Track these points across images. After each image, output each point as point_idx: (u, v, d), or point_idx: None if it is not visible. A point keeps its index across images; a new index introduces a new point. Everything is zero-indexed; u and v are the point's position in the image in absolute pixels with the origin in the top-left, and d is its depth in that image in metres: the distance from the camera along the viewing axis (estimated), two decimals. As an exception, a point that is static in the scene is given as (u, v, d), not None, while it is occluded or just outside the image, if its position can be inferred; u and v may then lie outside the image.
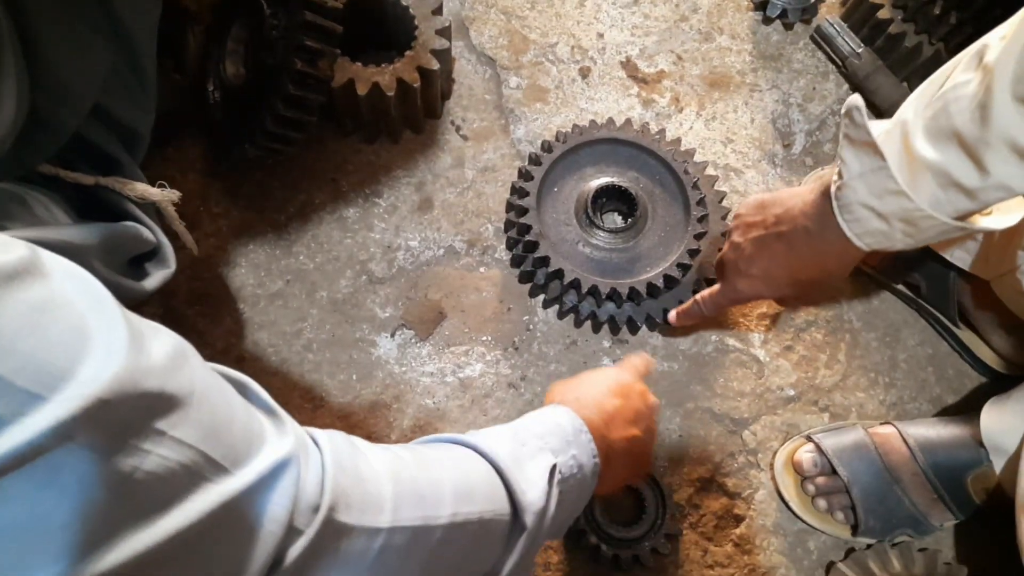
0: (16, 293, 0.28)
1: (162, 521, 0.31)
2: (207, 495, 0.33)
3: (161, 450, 0.31)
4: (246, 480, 0.35)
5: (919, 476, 0.83)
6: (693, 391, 0.94)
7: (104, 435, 0.29)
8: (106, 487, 0.29)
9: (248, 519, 0.35)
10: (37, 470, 0.26)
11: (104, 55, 0.63)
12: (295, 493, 0.38)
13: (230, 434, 0.36)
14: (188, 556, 0.33)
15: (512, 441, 0.56)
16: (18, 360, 0.27)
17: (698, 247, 0.90)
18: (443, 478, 0.48)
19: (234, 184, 1.01)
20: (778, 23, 1.14)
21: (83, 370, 0.28)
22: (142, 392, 0.30)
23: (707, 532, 0.89)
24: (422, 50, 0.94)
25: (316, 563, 0.39)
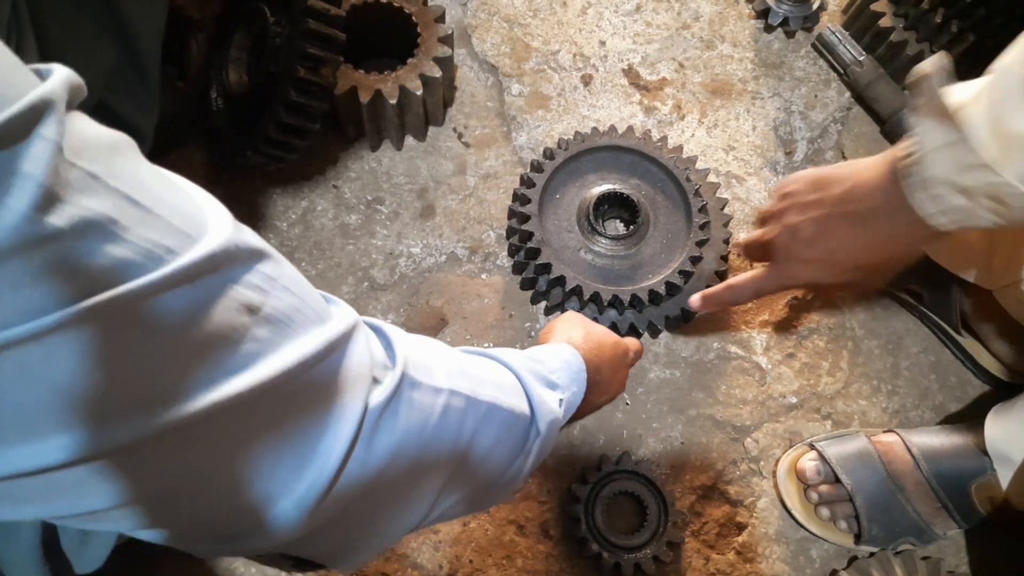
0: (144, 161, 0.33)
1: (290, 350, 0.36)
2: (314, 336, 0.38)
3: (277, 292, 0.36)
4: (338, 329, 0.40)
5: (923, 485, 0.83)
6: (695, 398, 0.94)
7: (239, 270, 0.34)
8: (249, 313, 0.34)
9: (345, 361, 0.40)
10: (199, 291, 0.32)
11: (108, 54, 0.64)
12: (369, 351, 0.42)
13: (314, 296, 0.41)
14: (307, 388, 0.37)
15: (531, 370, 0.59)
16: (169, 208, 0.32)
17: (700, 254, 0.90)
18: (481, 368, 0.53)
19: (236, 191, 1.01)
20: (780, 31, 1.14)
21: (211, 222, 0.34)
22: (250, 246, 0.36)
23: (709, 540, 0.88)
24: (424, 57, 0.95)
25: (397, 409, 0.43)
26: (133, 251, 0.29)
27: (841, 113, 1.10)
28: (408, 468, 0.45)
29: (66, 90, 0.29)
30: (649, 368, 0.95)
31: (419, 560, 0.86)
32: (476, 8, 1.14)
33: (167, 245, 0.31)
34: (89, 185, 0.28)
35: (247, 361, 0.34)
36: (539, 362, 0.61)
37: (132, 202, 0.30)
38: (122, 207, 0.29)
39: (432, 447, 0.46)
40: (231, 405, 0.33)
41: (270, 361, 0.35)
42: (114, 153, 0.31)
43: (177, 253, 0.31)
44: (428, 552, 0.86)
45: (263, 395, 0.34)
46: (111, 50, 0.65)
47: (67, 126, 0.28)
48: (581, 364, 0.65)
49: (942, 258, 0.86)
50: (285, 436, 0.37)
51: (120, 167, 0.30)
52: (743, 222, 1.03)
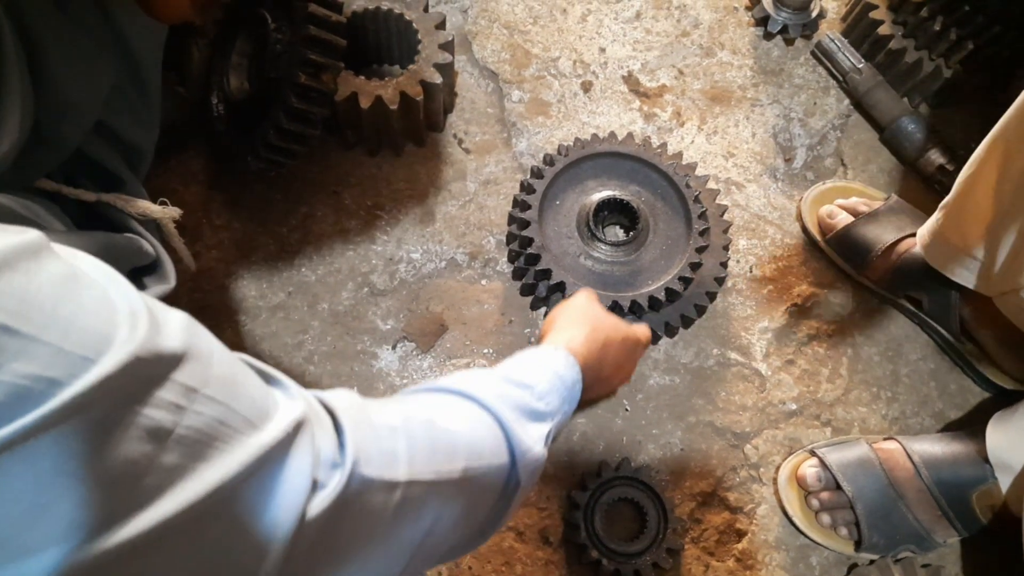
0: (45, 265, 0.30)
1: (207, 473, 0.32)
2: (242, 449, 0.34)
3: (197, 406, 0.33)
4: (273, 436, 0.36)
5: (924, 492, 0.83)
6: (695, 405, 0.94)
7: (146, 390, 0.31)
8: (154, 440, 0.31)
9: (279, 475, 0.37)
10: (90, 424, 0.28)
11: (108, 72, 0.64)
12: (313, 451, 0.39)
13: (250, 394, 0.37)
14: (229, 511, 0.34)
15: (516, 404, 0.56)
16: (63, 326, 0.29)
17: (700, 260, 0.90)
18: (454, 432, 0.49)
19: (236, 196, 1.01)
20: (779, 38, 1.14)
21: (118, 333, 0.30)
22: (170, 352, 0.33)
23: (709, 547, 0.88)
24: (425, 64, 0.95)
25: (342, 516, 0.39)
26: (3, 392, 0.26)
27: (840, 120, 1.10)
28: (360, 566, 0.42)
29: None
30: (649, 374, 0.95)
31: (418, 567, 0.86)
32: (476, 15, 1.15)
33: (51, 376, 0.27)
34: None
35: (152, 495, 0.30)
36: (528, 388, 0.58)
37: (10, 332, 0.27)
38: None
39: (386, 543, 0.43)
40: (135, 544, 0.30)
41: (180, 492, 0.31)
42: (3, 270, 0.28)
43: (63, 384, 0.28)
44: (427, 559, 0.86)
45: (174, 527, 0.31)
46: (111, 69, 0.64)
47: None
48: (576, 376, 0.63)
49: (940, 262, 0.86)
50: (206, 566, 0.33)
51: (4, 290, 0.27)
52: (743, 228, 1.03)
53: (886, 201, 0.98)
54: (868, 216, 0.97)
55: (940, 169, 1.03)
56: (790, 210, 1.04)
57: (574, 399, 0.63)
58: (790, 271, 1.01)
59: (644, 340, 0.78)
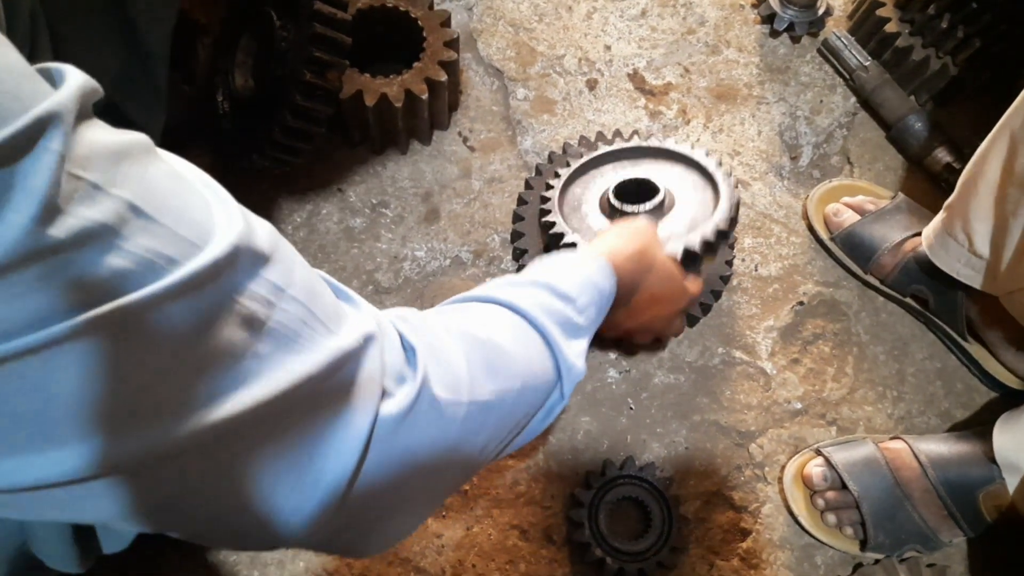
0: (155, 162, 0.33)
1: (295, 364, 0.35)
2: (323, 348, 0.37)
3: (284, 304, 0.35)
4: (348, 341, 0.39)
5: (930, 492, 0.82)
6: (699, 403, 0.94)
7: (244, 279, 0.34)
8: (250, 328, 0.33)
9: (353, 376, 0.39)
10: (201, 302, 0.31)
11: (118, 56, 0.64)
12: (382, 363, 0.41)
13: (326, 302, 0.40)
14: (313, 404, 0.36)
15: (560, 320, 0.57)
16: (175, 214, 0.31)
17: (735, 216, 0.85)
18: (510, 353, 0.51)
19: (241, 194, 1.00)
20: (785, 36, 1.14)
21: (217, 228, 0.33)
22: (261, 249, 0.35)
23: (713, 546, 0.88)
24: (430, 62, 0.95)
25: (409, 426, 0.42)
26: (132, 261, 0.29)
27: (847, 118, 1.10)
28: (424, 476, 0.44)
29: (77, 99, 0.29)
30: (653, 373, 0.95)
31: (422, 564, 0.86)
32: (482, 13, 1.14)
33: (168, 255, 0.30)
34: (91, 195, 0.28)
35: (247, 378, 0.33)
36: (570, 302, 0.58)
37: (135, 210, 0.30)
38: (123, 216, 0.29)
39: (449, 456, 0.45)
40: (230, 423, 0.32)
41: (271, 378, 0.34)
42: (121, 159, 0.30)
43: (179, 263, 0.30)
44: (431, 556, 0.86)
45: (263, 413, 0.34)
46: (121, 53, 0.65)
47: (75, 137, 0.28)
48: (612, 288, 0.63)
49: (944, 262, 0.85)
50: (288, 453, 0.36)
51: (126, 173, 0.30)
52: (748, 227, 1.03)
53: (892, 200, 0.98)
54: (874, 215, 0.96)
55: (947, 167, 1.02)
56: (796, 208, 1.04)
57: (603, 315, 0.63)
58: (796, 270, 1.01)
59: (694, 291, 0.76)
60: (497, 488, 0.89)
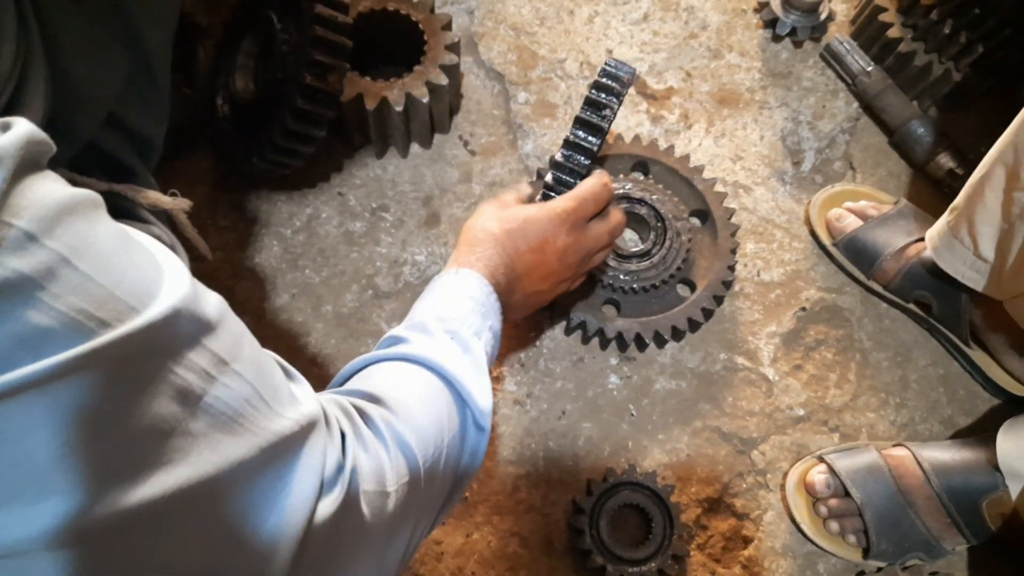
0: (103, 219, 0.31)
1: (229, 447, 0.33)
2: (263, 432, 0.35)
3: (226, 379, 0.34)
4: (290, 428, 0.37)
5: (933, 500, 0.82)
6: (701, 410, 0.93)
7: (182, 347, 0.32)
8: (184, 402, 0.31)
9: (293, 466, 0.37)
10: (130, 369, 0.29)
11: (121, 64, 0.64)
12: (323, 451, 0.39)
13: (274, 382, 0.38)
14: (246, 492, 0.34)
15: (452, 346, 0.58)
16: (117, 275, 0.30)
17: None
18: (424, 418, 0.50)
19: (242, 197, 1.01)
20: (788, 41, 1.14)
21: (162, 290, 0.32)
22: (207, 317, 0.34)
23: (715, 553, 0.87)
24: (431, 65, 0.95)
25: (345, 523, 0.40)
26: (56, 319, 0.27)
27: (849, 123, 1.10)
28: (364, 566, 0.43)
29: (20, 147, 0.28)
30: (655, 379, 0.94)
31: (421, 571, 0.85)
32: (483, 16, 1.14)
33: (101, 316, 0.28)
34: (21, 245, 0.27)
35: (174, 457, 0.31)
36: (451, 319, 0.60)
37: (68, 265, 0.28)
38: (53, 271, 0.27)
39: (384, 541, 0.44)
40: (152, 504, 0.30)
41: (200, 459, 0.32)
42: (65, 213, 0.29)
43: (110, 325, 0.28)
44: (431, 563, 0.85)
45: (190, 497, 0.31)
46: (123, 61, 0.65)
47: (16, 185, 0.27)
48: (487, 290, 0.65)
49: (949, 264, 0.85)
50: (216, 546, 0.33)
51: (67, 227, 0.28)
52: (750, 232, 1.02)
53: (895, 205, 0.98)
54: (877, 220, 0.96)
55: (950, 173, 1.02)
56: (798, 214, 1.04)
57: (495, 311, 0.65)
58: (798, 275, 1.00)
59: (570, 207, 0.72)
60: (497, 495, 0.89)
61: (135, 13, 0.64)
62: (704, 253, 0.95)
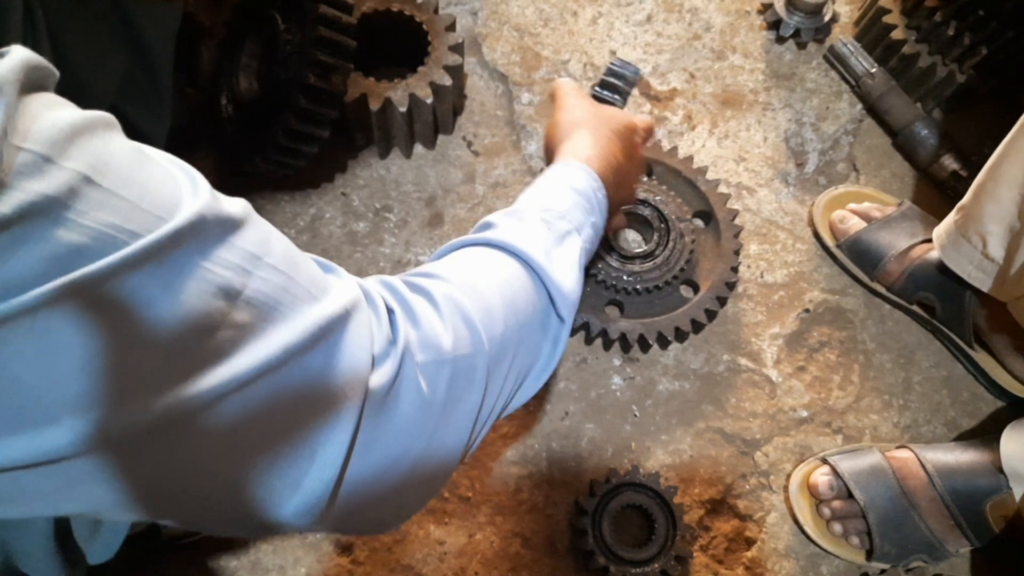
0: (118, 137, 0.32)
1: (277, 334, 0.34)
2: (307, 316, 0.36)
3: (261, 272, 0.34)
4: (333, 309, 0.37)
5: (936, 502, 0.82)
6: (704, 411, 0.93)
7: (213, 246, 0.32)
8: (225, 297, 0.32)
9: (341, 345, 0.37)
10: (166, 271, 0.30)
11: (121, 60, 0.64)
12: (370, 329, 0.40)
13: (308, 271, 0.39)
14: (300, 374, 0.35)
15: (545, 233, 0.56)
16: (138, 188, 0.30)
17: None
18: (491, 297, 0.50)
19: (245, 197, 1.00)
20: (791, 42, 1.14)
21: (184, 200, 0.32)
22: (232, 216, 0.34)
23: (718, 555, 0.87)
24: (435, 66, 0.95)
25: (396, 396, 0.41)
26: (88, 235, 0.27)
27: (853, 125, 1.10)
28: (424, 442, 0.43)
29: (19, 72, 0.28)
30: (658, 380, 0.94)
31: (424, 571, 0.85)
32: (487, 17, 1.14)
33: (131, 228, 0.29)
34: (40, 168, 0.27)
35: (227, 349, 0.32)
36: (550, 209, 0.58)
37: (90, 183, 0.28)
38: (76, 190, 0.28)
39: (446, 415, 0.44)
40: (212, 395, 0.31)
41: (252, 350, 0.33)
42: (78, 133, 0.29)
43: (140, 235, 0.29)
44: (433, 563, 0.85)
45: (246, 386, 0.32)
46: (124, 58, 0.65)
47: (20, 108, 0.27)
48: (595, 184, 0.63)
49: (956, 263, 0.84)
50: (277, 437, 0.35)
51: (82, 147, 0.29)
52: (754, 233, 1.02)
53: (899, 207, 0.98)
54: (881, 222, 0.96)
55: (953, 175, 1.02)
56: (802, 215, 1.04)
57: (601, 207, 0.63)
58: (801, 277, 1.00)
59: (642, 125, 0.78)
60: (500, 495, 0.88)
61: (135, 12, 0.64)
62: (707, 254, 0.95)
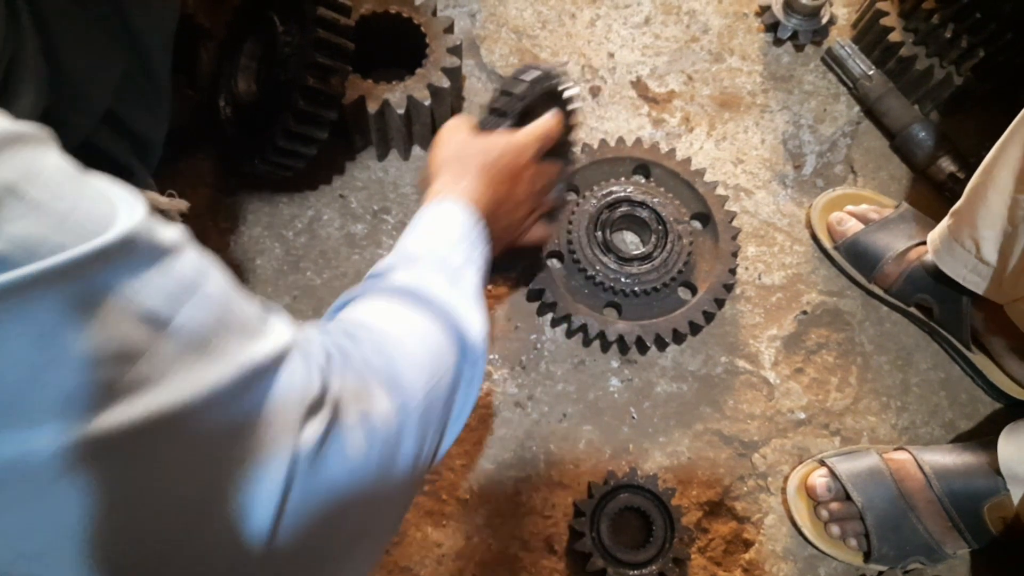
0: (53, 152, 0.31)
1: (205, 371, 0.32)
2: (239, 354, 0.34)
3: (195, 301, 0.33)
4: (268, 350, 0.36)
5: (934, 504, 0.82)
6: (702, 413, 0.93)
7: (143, 270, 0.31)
8: (151, 325, 0.30)
9: (272, 391, 0.36)
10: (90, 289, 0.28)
11: (118, 62, 0.64)
12: (306, 376, 0.38)
13: (245, 307, 0.37)
14: (226, 416, 0.33)
15: (441, 276, 0.56)
16: (68, 203, 0.29)
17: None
18: (413, 350, 0.48)
19: (243, 199, 1.01)
20: (789, 45, 1.14)
21: (118, 218, 0.31)
22: (167, 242, 0.33)
23: (716, 557, 0.87)
24: (433, 68, 0.95)
25: (332, 446, 0.38)
26: (9, 244, 0.26)
27: (850, 127, 1.10)
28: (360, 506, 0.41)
29: None
30: (656, 382, 0.94)
31: (422, 573, 0.85)
32: (485, 19, 1.14)
33: (56, 241, 0.28)
34: None
35: (145, 383, 0.29)
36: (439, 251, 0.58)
37: (15, 194, 0.27)
38: (1, 199, 0.27)
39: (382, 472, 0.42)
40: (119, 436, 0.28)
41: (174, 386, 0.30)
42: (8, 144, 0.29)
43: (66, 247, 0.28)
44: (431, 566, 0.85)
45: (165, 424, 0.30)
46: (122, 60, 0.64)
47: None
48: (475, 219, 0.62)
49: (952, 268, 0.85)
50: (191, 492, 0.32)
51: (12, 157, 0.28)
52: (751, 235, 1.02)
53: (896, 209, 0.98)
54: (878, 223, 0.96)
55: (951, 177, 1.02)
56: (799, 217, 1.04)
57: (482, 240, 0.63)
58: (799, 279, 1.00)
59: (535, 135, 0.73)
60: (498, 497, 0.88)
61: (133, 14, 0.64)
62: (705, 256, 0.95)
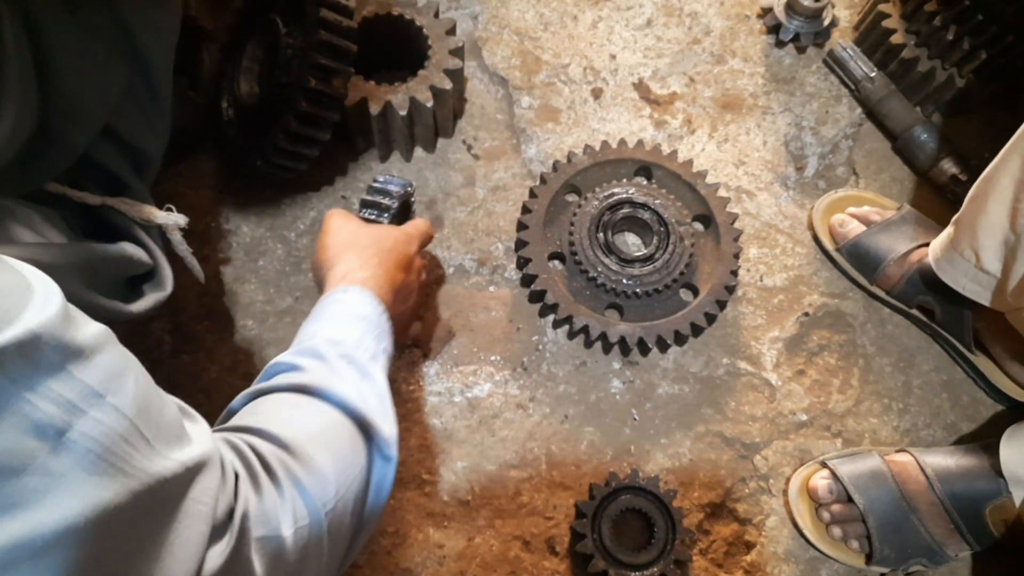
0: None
1: (97, 490, 0.29)
2: (140, 471, 0.31)
3: (97, 412, 0.30)
4: (175, 466, 0.34)
5: (936, 506, 0.81)
6: (704, 414, 0.93)
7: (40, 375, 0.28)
8: (40, 436, 0.28)
9: (178, 511, 0.34)
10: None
11: (119, 76, 0.63)
12: (216, 494, 0.37)
13: (160, 419, 0.35)
14: (118, 542, 0.31)
15: (350, 371, 0.56)
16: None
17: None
18: (322, 459, 0.48)
19: (245, 201, 1.01)
20: (791, 46, 1.14)
21: (25, 314, 0.28)
22: (76, 345, 0.30)
23: (717, 558, 0.87)
24: (435, 69, 0.95)
25: (236, 569, 0.38)
26: None
27: (852, 129, 1.10)
28: None
29: None
30: (658, 383, 0.94)
31: (422, 575, 0.85)
32: (487, 21, 1.15)
33: None
34: None
35: (26, 501, 0.27)
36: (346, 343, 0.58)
37: None
38: None
39: None
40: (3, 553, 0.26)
41: (58, 504, 0.28)
42: None
43: None
44: (433, 567, 0.85)
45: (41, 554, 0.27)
46: (121, 72, 0.64)
47: None
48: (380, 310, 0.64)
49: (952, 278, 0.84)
50: None
51: None
52: (753, 237, 1.02)
53: (899, 211, 0.98)
54: (880, 225, 0.96)
55: (953, 179, 1.02)
56: (801, 219, 1.04)
57: (387, 330, 0.64)
58: (801, 280, 1.00)
59: (417, 232, 0.79)
60: (500, 499, 0.88)
61: (134, 23, 0.63)
62: (707, 258, 0.96)
